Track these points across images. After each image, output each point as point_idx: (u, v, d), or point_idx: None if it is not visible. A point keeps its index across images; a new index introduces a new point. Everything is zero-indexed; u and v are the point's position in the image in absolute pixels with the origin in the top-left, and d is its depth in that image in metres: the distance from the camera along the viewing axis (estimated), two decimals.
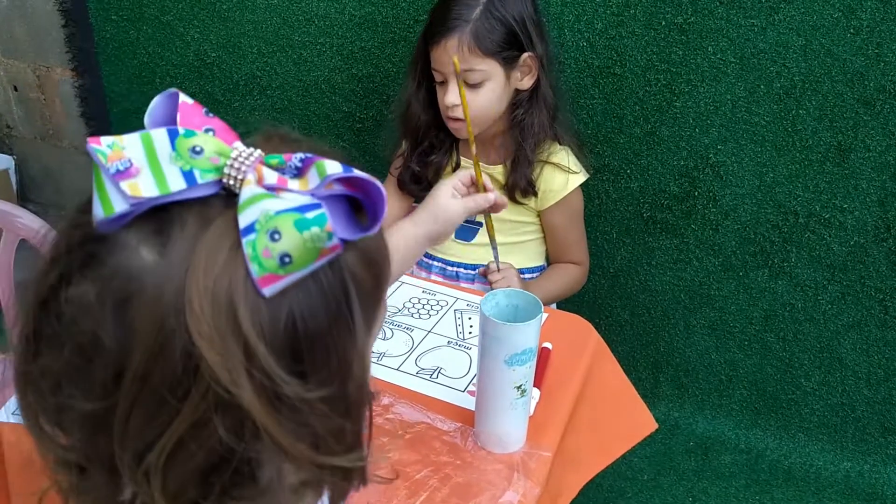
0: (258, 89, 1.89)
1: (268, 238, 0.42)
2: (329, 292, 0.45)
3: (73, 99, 2.16)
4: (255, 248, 0.42)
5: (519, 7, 1.34)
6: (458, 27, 1.30)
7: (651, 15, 1.46)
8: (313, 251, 0.43)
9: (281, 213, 0.42)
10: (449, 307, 1.24)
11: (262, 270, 0.42)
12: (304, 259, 0.43)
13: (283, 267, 0.42)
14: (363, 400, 0.50)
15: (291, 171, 0.45)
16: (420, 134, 1.45)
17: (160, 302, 0.42)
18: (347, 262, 0.46)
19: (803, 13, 1.38)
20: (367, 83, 1.77)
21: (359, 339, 0.47)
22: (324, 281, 0.44)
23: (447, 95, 1.34)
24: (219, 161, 0.44)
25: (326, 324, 0.45)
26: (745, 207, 1.56)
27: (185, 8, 1.87)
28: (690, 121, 1.52)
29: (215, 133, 0.45)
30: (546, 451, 0.94)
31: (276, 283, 0.42)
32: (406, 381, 1.06)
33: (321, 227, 0.42)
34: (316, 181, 0.44)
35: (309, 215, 0.42)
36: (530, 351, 0.88)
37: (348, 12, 1.70)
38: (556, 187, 1.43)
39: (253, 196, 0.43)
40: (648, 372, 1.82)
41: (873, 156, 1.44)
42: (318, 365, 0.45)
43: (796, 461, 1.72)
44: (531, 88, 1.39)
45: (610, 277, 1.74)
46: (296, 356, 0.44)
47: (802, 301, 1.61)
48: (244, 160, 0.44)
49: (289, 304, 0.43)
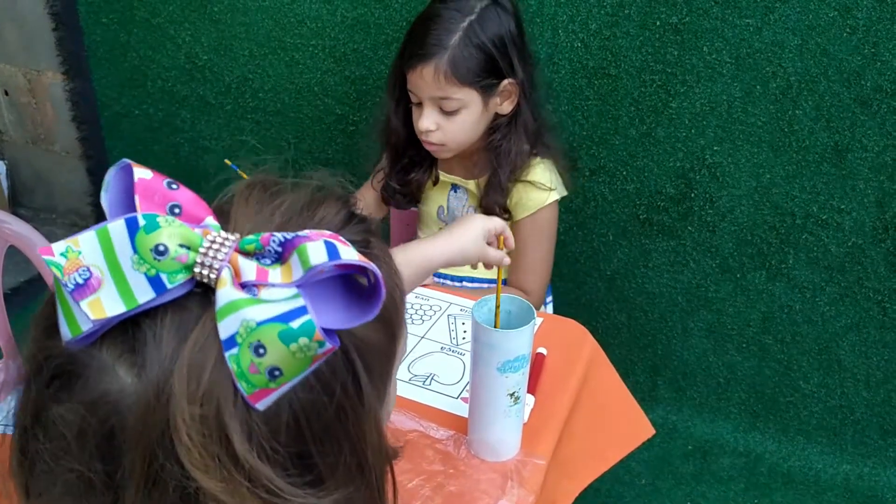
0: (250, 92, 1.88)
1: (252, 353, 0.37)
2: (331, 379, 0.40)
3: (64, 103, 2.15)
4: (240, 365, 0.38)
5: (500, 30, 1.28)
6: (435, 54, 1.24)
7: (646, 15, 1.45)
8: (304, 361, 0.38)
9: (263, 324, 0.37)
10: (442, 312, 1.23)
11: (252, 387, 0.38)
12: (296, 370, 0.38)
13: (274, 381, 0.38)
14: (383, 471, 0.46)
15: (272, 257, 0.40)
16: (400, 151, 1.42)
17: (146, 435, 0.38)
18: (353, 333, 0.41)
19: (799, 12, 1.36)
20: (359, 85, 1.75)
21: (371, 411, 0.43)
22: (324, 369, 0.40)
23: (421, 120, 1.30)
24: (187, 258, 0.39)
25: (334, 417, 0.41)
26: (742, 209, 1.55)
27: (176, 10, 1.85)
28: (686, 121, 1.51)
29: (182, 210, 0.40)
30: (541, 458, 0.93)
31: (269, 396, 0.38)
32: (399, 389, 1.05)
33: (310, 337, 0.37)
34: (300, 272, 0.39)
35: (294, 325, 0.37)
36: (523, 358, 0.86)
37: (340, 14, 1.69)
38: (529, 203, 1.37)
39: (230, 303, 0.38)
40: (646, 375, 1.81)
41: (870, 156, 1.43)
42: (332, 463, 0.42)
43: (795, 464, 1.71)
44: (511, 113, 1.33)
45: (606, 280, 1.73)
46: (305, 460, 0.41)
47: (800, 303, 1.60)
48: (216, 253, 0.39)
49: (287, 407, 0.39)
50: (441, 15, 1.27)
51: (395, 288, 0.47)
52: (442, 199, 1.46)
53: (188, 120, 1.99)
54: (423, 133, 1.32)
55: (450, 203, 1.45)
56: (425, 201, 1.48)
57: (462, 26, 1.25)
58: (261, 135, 1.92)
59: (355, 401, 0.42)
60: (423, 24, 1.29)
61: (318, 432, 0.41)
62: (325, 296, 0.40)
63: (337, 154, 1.86)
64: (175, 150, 2.05)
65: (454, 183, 1.43)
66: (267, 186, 0.45)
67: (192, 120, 1.99)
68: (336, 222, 0.45)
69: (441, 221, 1.47)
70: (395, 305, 0.46)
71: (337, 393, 0.41)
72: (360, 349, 0.42)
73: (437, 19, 1.27)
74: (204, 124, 1.98)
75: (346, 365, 0.41)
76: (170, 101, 1.98)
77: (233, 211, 0.44)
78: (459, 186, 1.43)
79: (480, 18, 1.26)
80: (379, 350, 0.44)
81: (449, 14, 1.27)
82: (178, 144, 2.05)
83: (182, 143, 2.04)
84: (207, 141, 2.00)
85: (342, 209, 0.46)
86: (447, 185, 1.44)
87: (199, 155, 2.03)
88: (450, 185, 1.44)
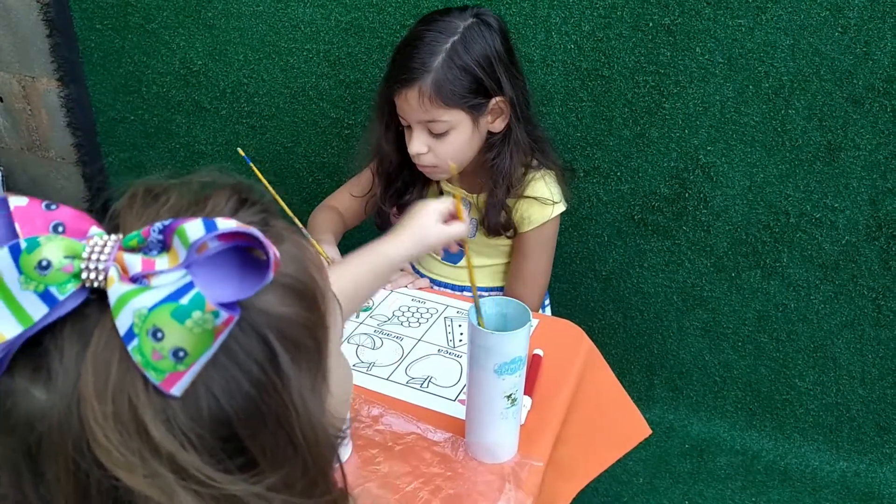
0: (245, 96, 1.88)
1: (151, 339, 0.37)
2: (247, 358, 0.40)
3: (59, 109, 2.14)
4: (144, 354, 0.38)
5: (485, 49, 1.25)
6: (418, 77, 1.22)
7: (638, 16, 1.46)
8: (205, 336, 0.38)
9: (154, 308, 0.38)
10: (439, 315, 1.23)
11: (160, 374, 0.38)
12: (200, 346, 0.38)
13: (181, 362, 0.38)
14: (324, 453, 0.45)
15: (156, 247, 0.40)
16: (392, 176, 1.40)
17: (64, 445, 0.38)
18: (261, 308, 0.41)
19: (790, 12, 1.37)
20: (354, 89, 1.76)
21: (298, 395, 0.42)
22: (236, 348, 0.40)
23: (412, 144, 1.28)
24: (72, 268, 0.39)
25: (256, 394, 0.40)
26: (736, 208, 1.56)
27: (171, 16, 1.85)
28: (680, 122, 1.52)
29: (65, 228, 0.40)
30: (538, 460, 0.93)
31: (181, 379, 0.38)
32: (396, 391, 1.05)
33: (201, 309, 0.38)
34: (183, 252, 0.39)
35: (184, 301, 0.38)
36: (520, 360, 0.87)
37: (334, 18, 1.69)
38: (535, 217, 1.36)
39: (121, 297, 0.38)
40: (642, 375, 1.82)
41: (863, 154, 1.43)
42: (261, 444, 0.41)
43: (792, 462, 1.71)
44: (504, 130, 1.31)
45: (602, 280, 1.73)
46: (233, 443, 0.40)
47: (795, 301, 1.61)
48: (99, 255, 0.39)
49: (204, 391, 0.39)
50: (423, 38, 1.24)
51: (309, 262, 0.46)
52: None
53: (183, 125, 1.99)
54: (415, 156, 1.30)
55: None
56: None
57: (445, 48, 1.23)
58: (256, 139, 1.93)
59: (274, 377, 0.41)
60: (406, 48, 1.26)
61: (241, 413, 0.40)
62: (218, 271, 0.40)
63: (332, 157, 1.87)
64: (171, 155, 2.06)
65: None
66: (151, 189, 0.45)
67: (187, 125, 1.99)
68: (228, 209, 0.44)
69: None
70: (310, 277, 0.46)
71: (254, 371, 0.40)
72: (274, 324, 0.42)
73: (419, 42, 1.24)
74: (199, 129, 1.98)
75: (259, 342, 0.41)
76: (165, 106, 1.99)
77: (120, 218, 0.44)
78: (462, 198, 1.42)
79: (464, 39, 1.24)
80: (298, 324, 0.43)
81: (431, 36, 1.24)
82: (173, 149, 2.05)
83: (178, 149, 2.04)
84: (203, 146, 2.00)
85: (232, 195, 0.45)
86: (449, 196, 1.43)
87: (195, 160, 2.03)
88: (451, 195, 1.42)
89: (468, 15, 1.26)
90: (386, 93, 1.30)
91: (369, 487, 0.89)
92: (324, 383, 0.47)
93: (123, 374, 0.38)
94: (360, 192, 1.47)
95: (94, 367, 0.38)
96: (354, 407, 0.99)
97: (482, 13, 1.28)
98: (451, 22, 1.25)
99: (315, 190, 1.90)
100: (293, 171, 1.92)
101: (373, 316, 1.23)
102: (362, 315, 1.23)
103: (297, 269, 0.44)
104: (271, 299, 0.42)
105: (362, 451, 0.94)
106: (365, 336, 1.17)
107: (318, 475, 0.45)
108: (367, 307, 1.25)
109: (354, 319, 1.21)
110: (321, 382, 0.46)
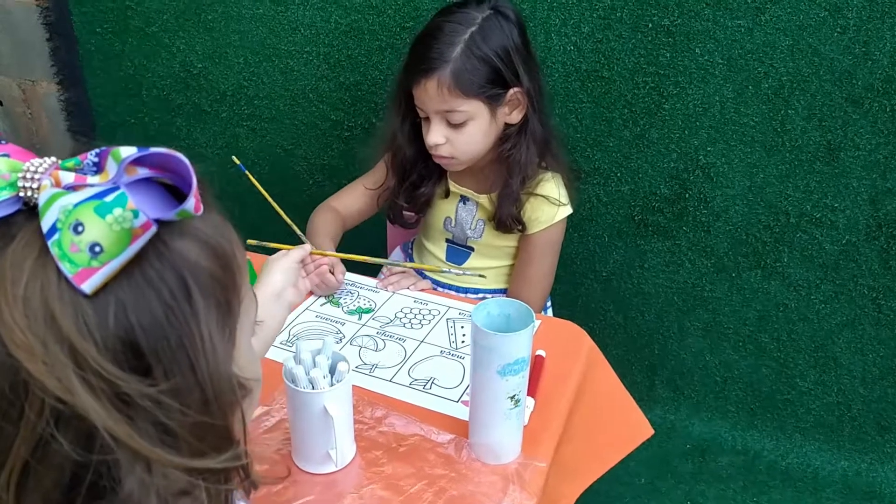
0: (245, 99, 1.88)
1: (72, 232, 0.40)
2: (161, 284, 0.43)
3: (59, 113, 2.14)
4: (62, 247, 0.40)
5: (503, 40, 1.26)
6: (437, 67, 1.23)
7: (637, 18, 1.46)
8: (123, 234, 0.41)
9: (80, 204, 0.41)
10: (441, 316, 1.23)
11: (75, 267, 0.40)
12: (116, 245, 0.41)
13: (96, 258, 0.40)
14: (224, 393, 0.47)
15: (90, 169, 0.44)
16: (407, 169, 1.40)
17: None
18: (181, 252, 0.45)
19: (790, 13, 1.37)
20: (354, 91, 1.76)
21: (206, 328, 0.45)
22: (152, 273, 0.43)
23: (430, 135, 1.29)
24: (10, 177, 0.43)
25: (163, 315, 0.43)
26: (736, 208, 1.56)
27: (171, 19, 1.85)
28: (679, 123, 1.52)
29: (10, 156, 0.44)
30: (541, 461, 0.93)
31: (94, 275, 0.41)
32: (399, 393, 1.05)
33: (123, 207, 0.41)
34: (115, 169, 0.43)
35: (108, 199, 0.41)
36: (523, 361, 0.87)
37: (334, 21, 1.69)
38: (542, 218, 1.37)
39: (51, 197, 0.41)
40: (643, 375, 1.82)
41: (863, 154, 1.44)
42: (162, 357, 0.43)
43: (793, 461, 1.72)
44: (520, 122, 1.32)
45: (603, 281, 1.74)
46: (135, 351, 0.42)
47: (796, 301, 1.61)
48: (37, 169, 0.43)
49: (116, 299, 0.42)
50: (442, 28, 1.26)
51: (231, 236, 0.50)
52: (450, 209, 1.44)
53: (184, 128, 1.99)
54: (432, 147, 1.30)
55: (458, 214, 1.43)
56: (431, 211, 1.47)
57: (463, 38, 1.24)
58: (256, 142, 1.93)
59: (185, 306, 0.44)
60: (424, 39, 1.28)
61: (148, 328, 0.43)
62: (144, 193, 0.43)
63: (332, 160, 1.87)
64: None
65: (463, 194, 1.42)
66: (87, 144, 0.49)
67: (187, 128, 1.99)
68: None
69: (447, 231, 1.46)
70: (229, 246, 0.49)
71: (165, 296, 0.43)
72: (191, 269, 0.45)
73: (438, 33, 1.26)
74: (199, 132, 1.98)
75: (176, 277, 0.44)
76: (165, 109, 1.99)
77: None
78: (469, 199, 1.42)
79: (482, 29, 1.25)
80: (213, 278, 0.46)
81: (450, 27, 1.25)
82: None
83: (178, 151, 2.04)
84: (203, 149, 2.00)
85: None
86: (456, 196, 1.43)
87: (196, 163, 2.02)
88: (459, 196, 1.42)
89: (486, 7, 1.28)
90: (404, 84, 1.31)
91: (374, 489, 0.89)
92: (232, 344, 0.49)
93: (40, 265, 0.41)
94: (373, 184, 1.47)
95: (13, 259, 0.41)
96: (358, 408, 0.99)
97: (500, 5, 1.29)
98: (469, 13, 1.27)
99: (315, 192, 1.90)
100: (293, 174, 1.92)
101: (375, 318, 1.23)
102: (364, 317, 1.23)
103: (217, 234, 0.48)
104: (192, 248, 0.45)
105: (366, 452, 0.94)
106: (367, 338, 1.18)
107: (218, 416, 0.46)
108: (368, 308, 1.25)
109: (357, 321, 1.21)
110: (229, 338, 0.49)
